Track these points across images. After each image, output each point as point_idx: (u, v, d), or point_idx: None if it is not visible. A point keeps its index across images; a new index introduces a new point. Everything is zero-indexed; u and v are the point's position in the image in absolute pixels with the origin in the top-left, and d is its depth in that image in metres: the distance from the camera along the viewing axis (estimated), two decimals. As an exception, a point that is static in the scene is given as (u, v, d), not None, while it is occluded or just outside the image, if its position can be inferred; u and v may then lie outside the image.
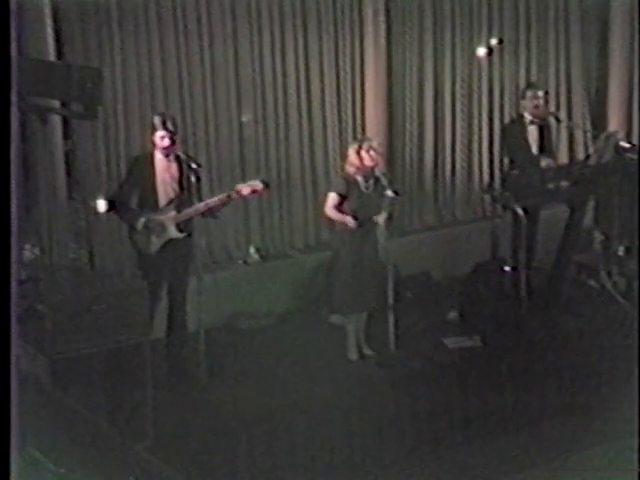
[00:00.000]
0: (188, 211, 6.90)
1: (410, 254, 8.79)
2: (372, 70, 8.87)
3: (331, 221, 7.48)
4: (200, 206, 6.89)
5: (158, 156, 6.96)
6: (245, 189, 6.95)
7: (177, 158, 6.99)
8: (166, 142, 6.89)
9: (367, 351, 7.56)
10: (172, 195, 6.98)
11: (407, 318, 7.85)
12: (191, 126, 8.16)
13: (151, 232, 6.92)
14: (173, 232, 6.93)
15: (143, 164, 6.99)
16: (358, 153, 7.28)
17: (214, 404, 6.74)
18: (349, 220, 7.22)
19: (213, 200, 6.91)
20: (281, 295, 8.41)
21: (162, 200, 6.96)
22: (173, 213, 6.92)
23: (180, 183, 6.98)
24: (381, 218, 7.31)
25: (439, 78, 9.26)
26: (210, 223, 7.45)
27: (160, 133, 6.88)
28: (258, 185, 6.99)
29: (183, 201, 6.95)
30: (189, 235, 6.99)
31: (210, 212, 6.96)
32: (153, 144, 6.96)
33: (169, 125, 6.93)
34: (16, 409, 3.93)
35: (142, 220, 6.91)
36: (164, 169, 6.96)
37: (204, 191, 7.15)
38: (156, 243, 6.95)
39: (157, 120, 6.94)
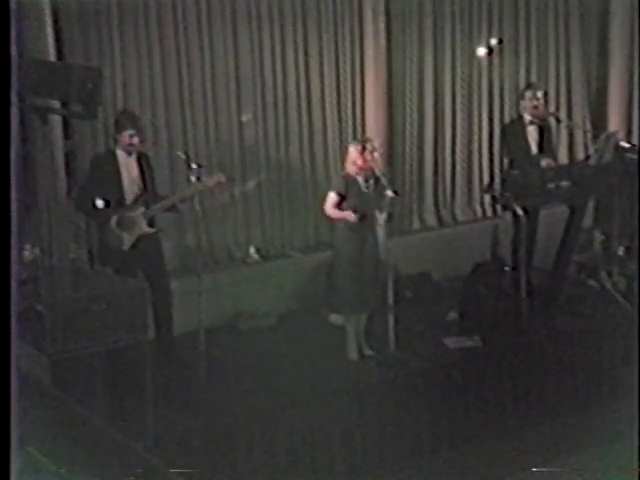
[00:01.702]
0: (157, 206, 7.02)
1: (410, 254, 8.79)
2: (372, 70, 8.88)
3: (332, 220, 7.48)
4: (169, 200, 7.03)
5: (120, 154, 7.02)
6: (210, 182, 7.02)
7: (138, 155, 7.07)
8: (135, 140, 6.97)
9: (367, 351, 7.55)
10: (137, 192, 7.07)
11: (407, 318, 7.86)
12: (191, 126, 8.16)
13: (123, 229, 7.00)
14: (144, 227, 7.03)
15: (106, 163, 7.05)
16: (361, 153, 7.27)
17: (214, 404, 6.74)
18: (349, 215, 7.22)
19: (181, 194, 6.97)
20: (281, 295, 8.41)
21: (129, 197, 7.05)
22: (142, 209, 7.02)
23: (143, 180, 7.08)
24: (381, 218, 7.31)
25: (439, 78, 9.27)
26: (209, 224, 7.49)
27: (130, 132, 6.95)
28: (222, 178, 7.09)
29: (150, 197, 7.07)
30: (160, 230, 7.17)
31: (173, 207, 7.07)
32: (115, 142, 7.04)
33: (139, 123, 7.09)
34: (16, 409, 3.93)
35: (115, 217, 6.98)
36: (127, 167, 7.05)
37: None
38: (129, 239, 7.03)
39: (125, 118, 7.05)
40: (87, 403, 5.80)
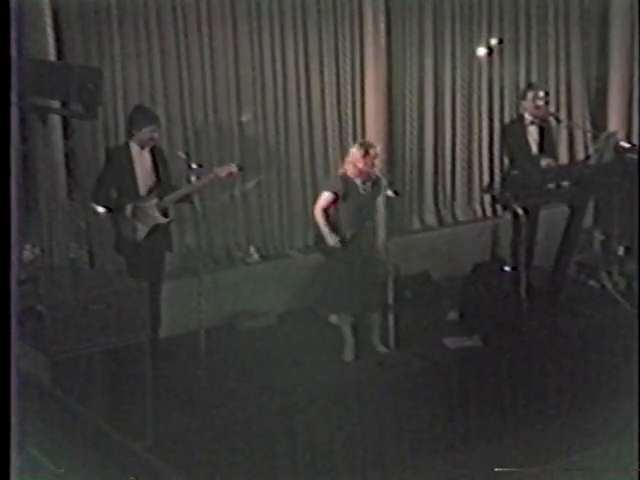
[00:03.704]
0: (170, 197, 7.13)
1: (410, 254, 8.78)
2: (372, 70, 8.87)
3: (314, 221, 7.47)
4: (182, 191, 7.10)
5: (134, 147, 7.16)
6: (222, 172, 7.16)
7: (151, 148, 7.21)
8: (156, 136, 7.16)
9: (381, 349, 7.54)
10: (151, 184, 7.21)
11: (407, 318, 7.86)
12: (191, 126, 8.16)
13: (137, 219, 7.12)
14: (158, 218, 7.16)
15: (121, 156, 7.18)
16: (364, 157, 7.27)
17: (214, 404, 6.74)
18: (331, 238, 7.24)
19: (194, 184, 7.03)
20: (281, 295, 8.41)
21: (142, 189, 7.19)
22: (156, 200, 7.15)
23: (156, 172, 7.21)
24: (378, 218, 7.33)
25: (439, 78, 9.26)
26: (209, 224, 7.51)
27: (151, 127, 7.11)
28: (233, 168, 7.21)
29: (163, 188, 7.18)
30: (172, 220, 7.33)
31: (187, 198, 7.14)
32: (130, 135, 7.15)
33: (157, 119, 7.27)
34: (16, 409, 3.93)
35: (130, 207, 7.11)
36: (141, 159, 7.18)
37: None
38: (142, 230, 7.16)
39: (144, 115, 7.19)
40: (87, 403, 5.80)
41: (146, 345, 6.09)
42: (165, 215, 7.21)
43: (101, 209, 7.12)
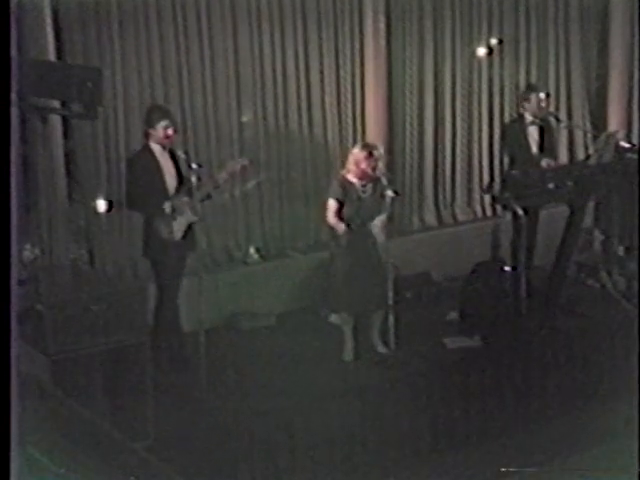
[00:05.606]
0: (198, 194, 7.05)
1: (410, 254, 8.79)
2: (372, 70, 8.87)
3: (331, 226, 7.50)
4: (206, 188, 7.07)
5: (156, 148, 7.08)
6: (236, 165, 7.22)
7: (170, 149, 7.13)
8: (170, 131, 7.03)
9: (381, 349, 7.55)
10: (176, 183, 7.12)
11: (407, 318, 7.85)
12: (191, 126, 8.17)
13: (174, 219, 7.00)
14: (191, 216, 7.08)
15: (145, 158, 7.09)
16: (367, 159, 7.26)
17: (214, 404, 6.74)
18: (341, 228, 7.27)
19: (215, 180, 7.09)
20: (281, 295, 8.41)
21: (170, 189, 7.10)
22: (186, 199, 7.06)
23: (178, 172, 7.14)
24: (379, 221, 7.33)
25: (439, 78, 9.27)
26: (209, 224, 7.53)
27: (164, 123, 7.00)
28: (245, 160, 7.29)
29: (189, 187, 7.09)
30: (202, 219, 7.23)
31: (208, 195, 7.15)
32: (147, 137, 7.06)
33: (171, 115, 7.16)
34: (16, 409, 3.93)
35: (169, 204, 6.99)
36: (164, 160, 7.11)
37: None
38: (179, 229, 7.06)
39: (158, 111, 7.12)
40: (87, 403, 5.81)
41: (146, 345, 6.10)
42: (196, 213, 7.14)
43: (102, 208, 7.06)
